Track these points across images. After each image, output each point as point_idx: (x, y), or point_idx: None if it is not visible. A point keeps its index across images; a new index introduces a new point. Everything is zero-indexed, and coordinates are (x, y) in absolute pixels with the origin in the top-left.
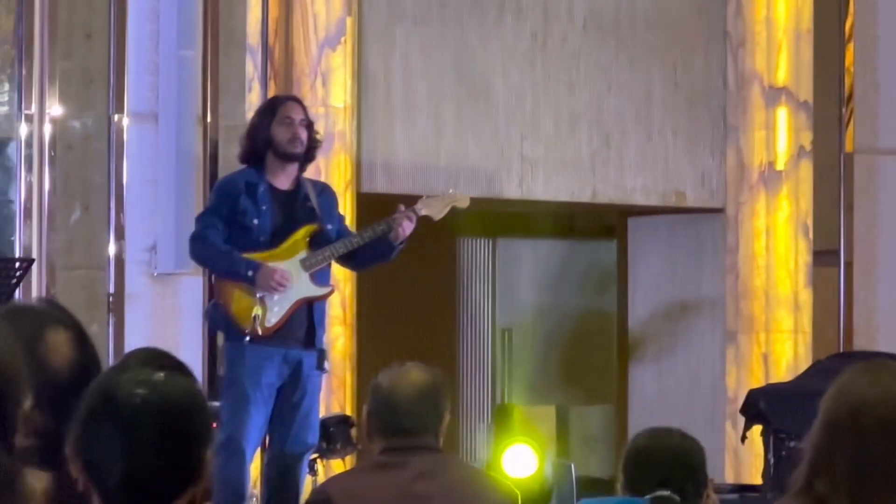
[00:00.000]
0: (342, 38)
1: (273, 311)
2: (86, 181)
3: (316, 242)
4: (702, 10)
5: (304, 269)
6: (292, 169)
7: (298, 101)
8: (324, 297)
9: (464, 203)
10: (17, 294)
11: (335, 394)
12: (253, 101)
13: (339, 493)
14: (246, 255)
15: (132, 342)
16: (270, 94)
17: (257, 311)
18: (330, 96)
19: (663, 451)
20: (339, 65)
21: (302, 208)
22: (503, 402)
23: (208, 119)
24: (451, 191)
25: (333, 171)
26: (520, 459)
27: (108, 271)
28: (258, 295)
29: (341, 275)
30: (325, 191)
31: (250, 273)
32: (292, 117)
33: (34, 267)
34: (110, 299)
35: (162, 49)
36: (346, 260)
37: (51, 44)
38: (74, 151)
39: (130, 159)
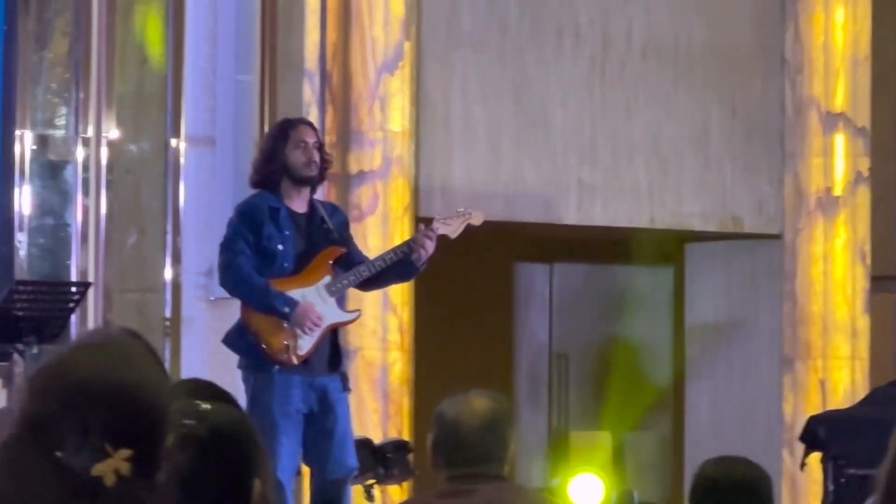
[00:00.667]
0: (400, 63)
1: (304, 339)
2: (142, 205)
3: (339, 266)
4: (760, 36)
5: (330, 294)
6: (306, 192)
7: (310, 124)
8: (351, 322)
9: (477, 221)
10: (73, 318)
11: (392, 419)
12: None
13: None
14: (274, 283)
15: (188, 366)
16: (328, 118)
17: (290, 339)
18: (388, 121)
19: (730, 481)
20: (398, 89)
21: (320, 231)
22: (559, 428)
23: None
24: (462, 209)
25: (391, 195)
26: (586, 488)
27: (165, 295)
28: (287, 326)
29: (398, 299)
30: (336, 212)
31: (287, 310)
32: (306, 140)
33: (91, 291)
34: (166, 323)
35: (219, 73)
36: (368, 283)
37: (108, 67)
38: (131, 175)
39: (187, 183)
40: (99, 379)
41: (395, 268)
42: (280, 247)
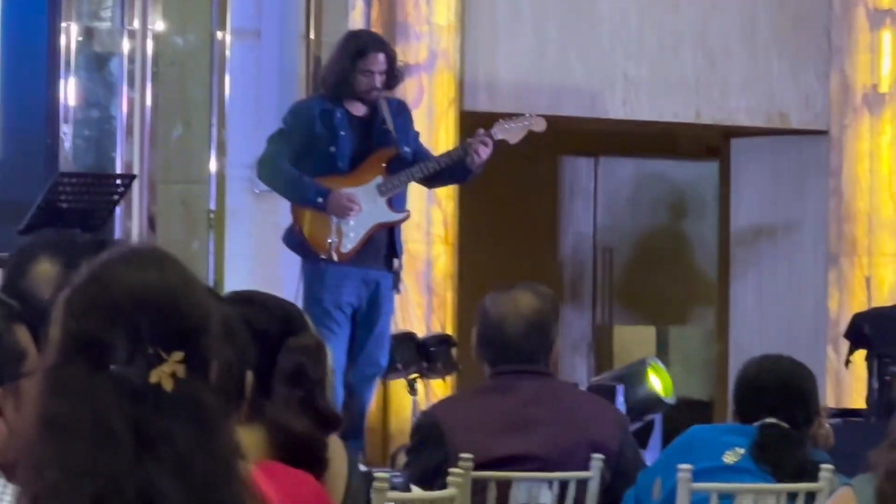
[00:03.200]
0: None
1: (349, 236)
2: (187, 97)
3: (392, 167)
4: None
5: (381, 194)
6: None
7: (381, 48)
8: (400, 223)
9: (540, 127)
10: (118, 210)
11: (436, 313)
12: (356, 18)
13: (447, 418)
14: (319, 181)
15: (232, 259)
16: (374, 11)
17: (333, 236)
18: (433, 14)
19: (773, 380)
20: None
21: (379, 132)
22: (603, 323)
23: (311, 36)
24: (528, 115)
25: (437, 89)
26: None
27: (210, 187)
28: (333, 221)
29: (443, 193)
30: (400, 109)
31: (320, 200)
32: (373, 70)
33: (135, 183)
34: (211, 216)
35: None
36: (421, 183)
37: None
38: (177, 67)
39: (232, 76)
40: (140, 285)
41: (448, 170)
42: (332, 148)
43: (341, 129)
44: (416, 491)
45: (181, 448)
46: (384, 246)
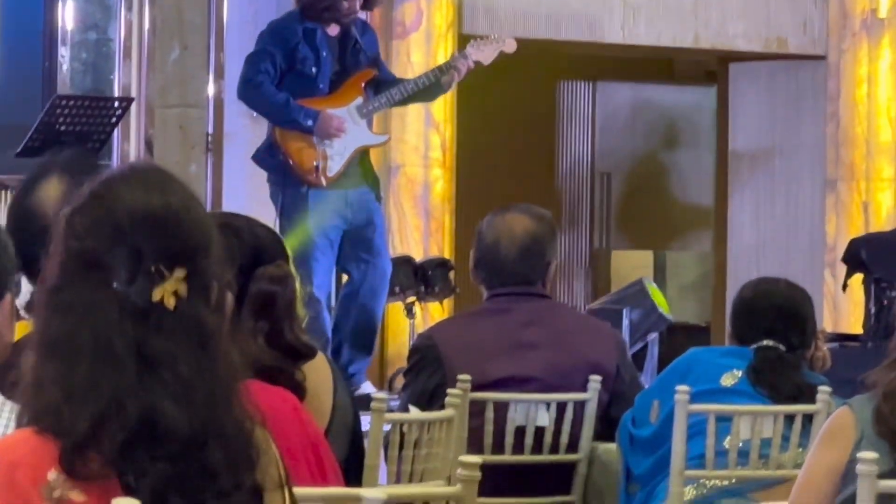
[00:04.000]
0: None
1: (334, 159)
2: (185, 20)
3: (371, 88)
4: None
5: (361, 116)
6: None
7: None
8: (381, 145)
9: (510, 48)
10: (116, 133)
11: (433, 236)
12: None
13: (444, 340)
14: (303, 103)
15: (230, 182)
16: None
17: (319, 160)
18: None
19: (769, 302)
20: None
21: (353, 52)
22: (600, 247)
23: None
24: (495, 36)
25: (435, 12)
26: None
27: (207, 111)
28: (318, 145)
29: (440, 116)
30: (366, 30)
31: (310, 122)
32: None
33: (133, 106)
34: (209, 139)
35: None
36: (394, 104)
37: None
38: None
39: None
40: (143, 205)
41: (424, 90)
42: (314, 69)
43: (323, 49)
44: (415, 412)
45: (183, 369)
46: (357, 165)
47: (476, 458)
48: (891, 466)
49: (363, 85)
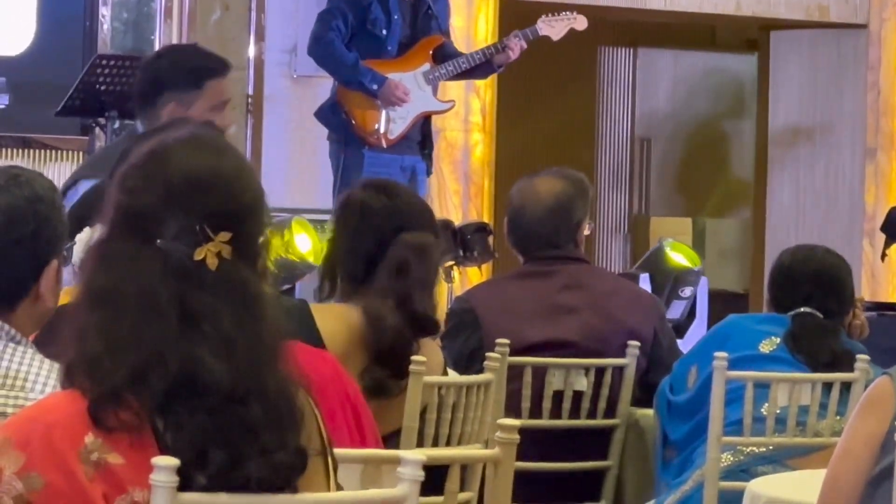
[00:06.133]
0: None
1: (396, 122)
2: None
3: (438, 55)
4: None
5: (427, 82)
6: None
7: None
8: (446, 111)
9: (581, 26)
10: None
11: (472, 201)
12: None
13: (481, 303)
14: (369, 65)
15: (270, 143)
16: None
17: (382, 122)
18: None
19: (807, 269)
20: None
21: (425, 18)
22: (640, 213)
23: None
24: (569, 13)
25: None
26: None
27: (248, 72)
28: (382, 107)
29: (481, 82)
30: None
31: (375, 87)
32: None
33: None
34: (249, 101)
35: None
36: (453, 78)
37: None
38: None
39: None
40: (196, 167)
41: (483, 65)
42: (384, 31)
43: (395, 12)
44: (454, 375)
45: (225, 325)
46: (418, 132)
47: (515, 422)
48: None
49: (431, 52)
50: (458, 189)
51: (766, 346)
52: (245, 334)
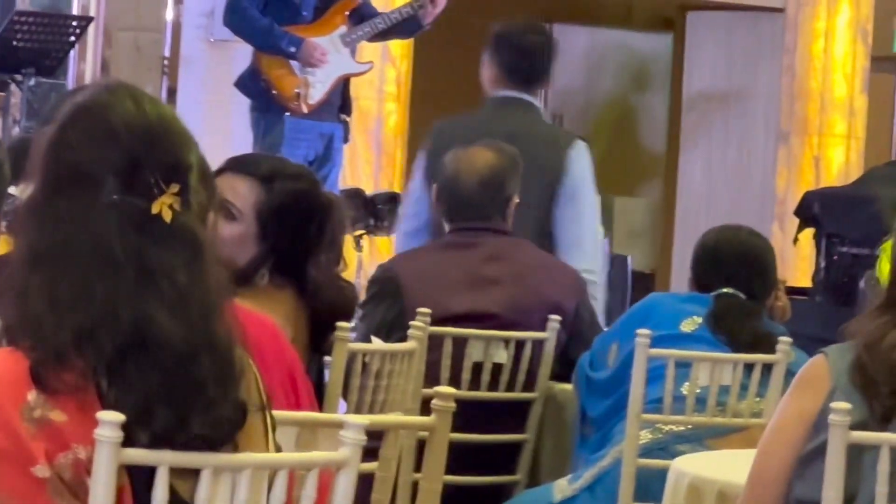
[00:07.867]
0: None
1: (316, 87)
2: None
3: (355, 16)
4: None
5: (344, 44)
6: None
7: None
8: (364, 73)
9: None
10: (72, 53)
11: (384, 171)
12: None
13: (405, 272)
14: (286, 29)
15: (185, 106)
16: None
17: (301, 87)
18: None
19: (731, 249)
20: None
21: None
22: None
23: None
24: None
25: None
26: None
27: (165, 35)
28: (300, 72)
29: (397, 51)
30: None
31: (292, 49)
32: None
33: (91, 27)
34: (165, 63)
35: None
36: (373, 38)
37: None
38: None
39: None
40: (133, 114)
41: (404, 23)
42: None
43: None
44: (377, 342)
45: (180, 280)
46: (339, 98)
47: (451, 390)
48: (863, 418)
49: (347, 13)
50: (370, 158)
51: (687, 326)
52: (197, 289)
